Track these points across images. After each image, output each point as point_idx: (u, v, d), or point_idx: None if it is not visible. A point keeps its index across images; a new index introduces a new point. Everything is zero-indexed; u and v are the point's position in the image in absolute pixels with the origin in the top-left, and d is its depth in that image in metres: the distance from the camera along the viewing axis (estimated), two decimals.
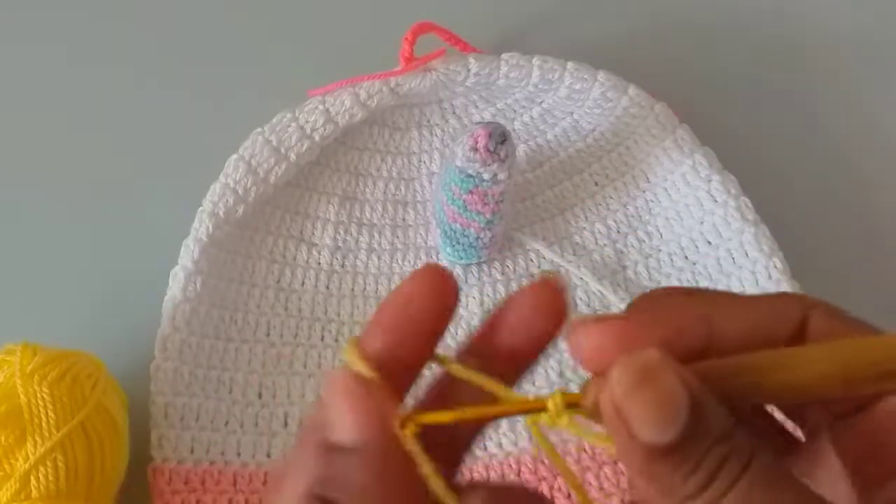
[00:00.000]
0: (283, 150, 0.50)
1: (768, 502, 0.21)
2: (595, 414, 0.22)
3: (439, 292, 0.24)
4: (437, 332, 0.24)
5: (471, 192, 0.49)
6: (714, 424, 0.21)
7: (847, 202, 0.55)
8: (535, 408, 0.22)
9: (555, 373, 0.49)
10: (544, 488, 0.47)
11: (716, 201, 0.50)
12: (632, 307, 0.24)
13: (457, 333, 0.51)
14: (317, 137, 0.51)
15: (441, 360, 0.24)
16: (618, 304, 0.50)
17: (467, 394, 0.23)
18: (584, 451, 0.48)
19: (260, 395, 0.49)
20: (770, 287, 0.48)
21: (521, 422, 0.48)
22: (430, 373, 0.25)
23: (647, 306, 0.24)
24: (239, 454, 0.47)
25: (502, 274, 0.52)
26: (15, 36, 0.58)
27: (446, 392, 0.24)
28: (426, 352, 0.24)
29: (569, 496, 0.47)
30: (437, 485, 0.21)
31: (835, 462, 0.24)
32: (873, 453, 0.23)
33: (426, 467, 0.21)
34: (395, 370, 0.23)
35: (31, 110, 0.57)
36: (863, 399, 0.23)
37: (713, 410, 0.21)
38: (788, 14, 0.59)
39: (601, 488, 0.47)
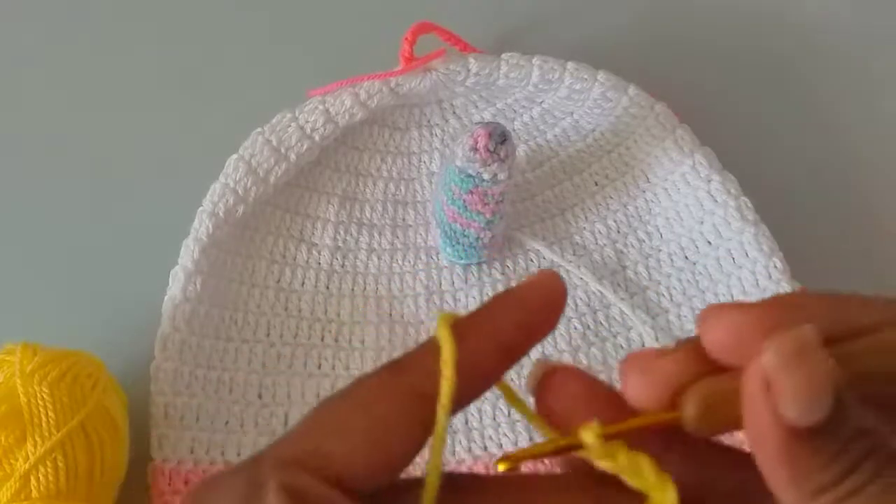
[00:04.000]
0: (283, 150, 0.50)
1: None
2: (703, 423, 0.21)
3: (557, 305, 0.23)
4: (526, 348, 0.23)
5: (471, 192, 0.49)
6: (856, 415, 0.20)
7: (847, 202, 0.55)
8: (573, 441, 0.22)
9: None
10: None
11: (716, 201, 0.50)
12: (764, 303, 0.23)
13: None
14: (317, 137, 0.51)
15: (503, 387, 0.23)
16: (617, 304, 0.50)
17: None
18: None
19: (260, 396, 0.49)
20: (770, 287, 0.48)
21: (520, 422, 0.48)
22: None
23: (781, 302, 0.23)
24: (239, 454, 0.47)
25: (502, 274, 0.52)
26: (15, 36, 0.58)
27: None
28: (504, 367, 0.23)
29: None
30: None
31: None
32: None
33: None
34: (476, 379, 0.22)
35: (31, 110, 0.57)
36: None
37: (855, 401, 0.20)
38: (788, 14, 0.59)
39: None
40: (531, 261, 0.53)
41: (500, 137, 0.47)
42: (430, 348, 0.22)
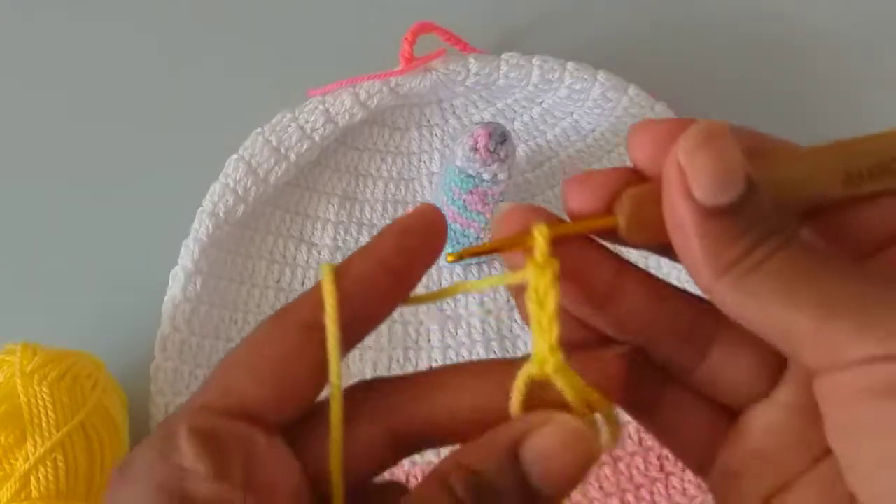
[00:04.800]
0: (283, 150, 0.50)
1: (813, 267, 0.22)
2: (633, 223, 0.23)
3: (436, 229, 0.25)
4: (421, 271, 0.25)
5: (471, 193, 0.49)
6: (764, 202, 0.22)
7: None
8: (521, 242, 0.24)
9: None
10: None
11: None
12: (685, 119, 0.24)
13: (456, 333, 0.51)
14: (317, 137, 0.51)
15: (412, 301, 0.25)
16: None
17: None
18: None
19: None
20: None
21: None
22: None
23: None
24: None
25: (502, 274, 0.52)
26: (15, 36, 0.58)
27: None
28: (399, 290, 0.24)
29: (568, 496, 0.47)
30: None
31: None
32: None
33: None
34: (368, 300, 0.24)
35: (31, 111, 0.57)
36: (861, 199, 0.24)
37: (762, 190, 0.22)
38: (788, 14, 0.59)
39: (601, 488, 0.47)
40: None
41: (500, 137, 0.47)
42: (315, 287, 0.24)
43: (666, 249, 0.24)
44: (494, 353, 0.51)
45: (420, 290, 0.26)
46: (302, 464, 0.23)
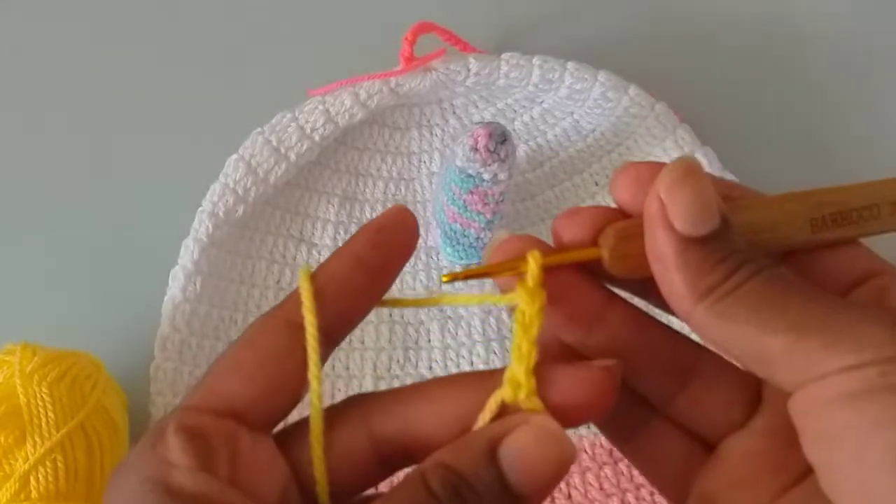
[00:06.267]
0: (283, 150, 0.50)
1: (783, 292, 0.23)
2: (615, 255, 0.25)
3: (408, 226, 0.26)
4: (396, 268, 0.26)
5: (471, 193, 0.49)
6: (738, 237, 0.24)
7: None
8: (515, 267, 0.25)
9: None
10: None
11: None
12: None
13: (456, 333, 0.51)
14: (317, 137, 0.51)
15: (393, 303, 0.27)
16: None
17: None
18: (585, 451, 0.48)
19: None
20: None
21: None
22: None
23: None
24: None
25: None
26: (15, 36, 0.58)
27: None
28: (376, 286, 0.26)
29: (569, 496, 0.47)
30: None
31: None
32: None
33: None
34: (346, 297, 0.25)
35: (31, 111, 0.57)
36: (825, 245, 0.26)
37: (734, 225, 0.24)
38: (788, 14, 0.59)
39: (601, 488, 0.47)
40: None
41: (500, 137, 0.47)
42: (297, 289, 0.25)
43: (646, 289, 0.26)
44: (494, 353, 0.51)
45: (419, 289, 0.26)
46: (292, 469, 0.24)
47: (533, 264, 0.24)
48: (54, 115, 0.56)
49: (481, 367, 0.50)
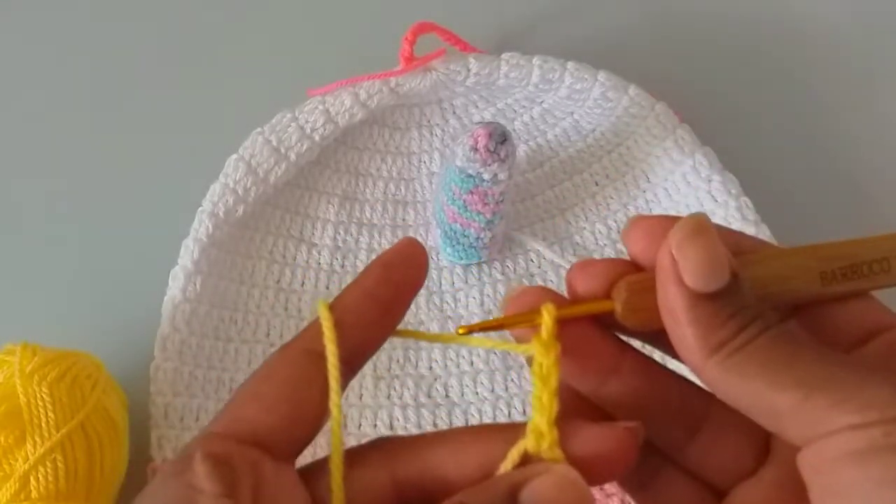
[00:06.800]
0: (283, 150, 0.50)
1: (792, 349, 0.24)
2: (627, 308, 0.25)
3: (417, 260, 0.27)
4: (406, 301, 0.27)
5: (471, 192, 0.49)
6: (748, 291, 0.24)
7: (848, 202, 0.55)
8: (530, 319, 0.25)
9: None
10: None
11: (716, 201, 0.50)
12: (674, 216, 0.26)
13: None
14: (317, 137, 0.51)
15: (402, 334, 0.27)
16: None
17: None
18: None
19: None
20: None
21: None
22: None
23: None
24: None
25: (502, 274, 0.52)
26: (15, 36, 0.58)
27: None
28: (388, 318, 0.26)
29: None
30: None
31: None
32: None
33: None
34: (361, 329, 0.26)
35: (31, 111, 0.57)
36: (836, 299, 0.26)
37: (744, 281, 0.24)
38: (788, 14, 0.59)
39: (601, 489, 0.47)
40: (531, 261, 0.53)
41: (500, 137, 0.47)
42: (314, 320, 0.26)
43: (658, 338, 0.26)
44: (494, 352, 0.51)
45: (422, 292, 0.26)
46: (313, 499, 0.24)
47: (547, 317, 0.25)
48: (54, 115, 0.56)
49: (481, 367, 0.50)
